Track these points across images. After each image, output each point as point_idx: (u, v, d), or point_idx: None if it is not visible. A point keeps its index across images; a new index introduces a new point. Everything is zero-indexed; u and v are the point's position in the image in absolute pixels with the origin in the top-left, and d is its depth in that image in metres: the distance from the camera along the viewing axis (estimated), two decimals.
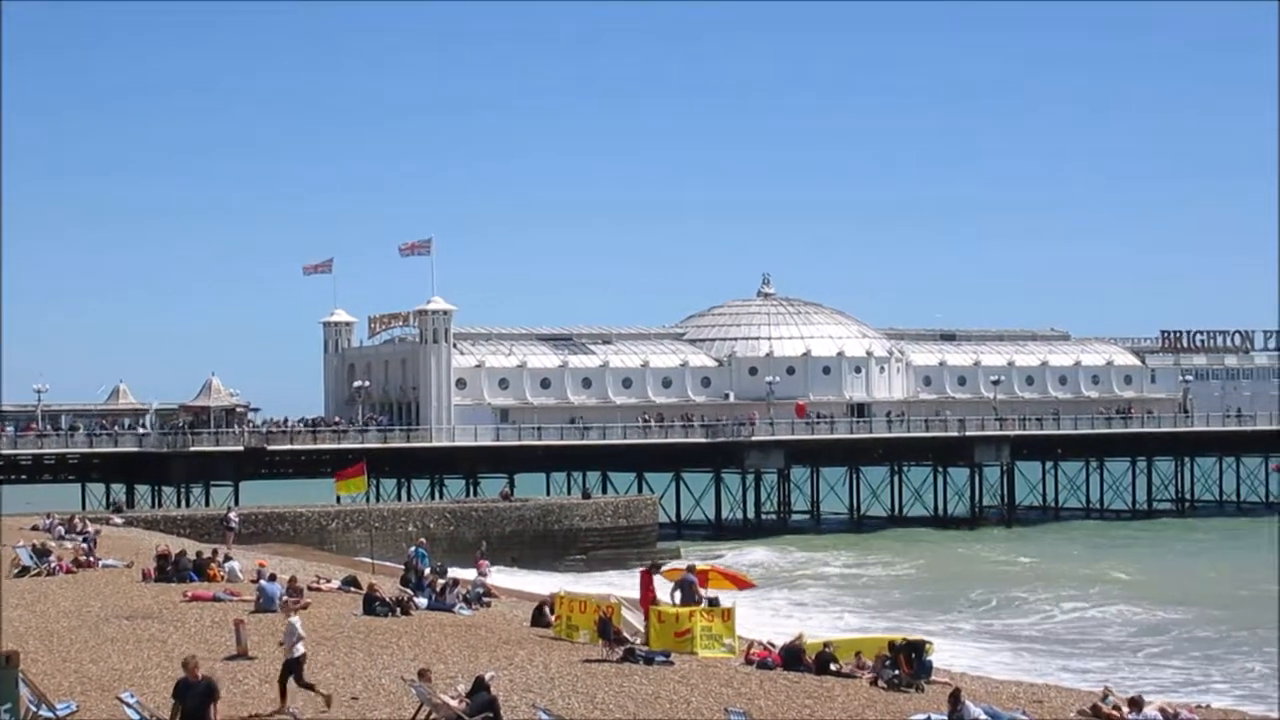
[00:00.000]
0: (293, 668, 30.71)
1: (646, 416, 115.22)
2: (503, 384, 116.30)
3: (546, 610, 46.77)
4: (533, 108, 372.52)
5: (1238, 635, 60.02)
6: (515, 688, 33.60)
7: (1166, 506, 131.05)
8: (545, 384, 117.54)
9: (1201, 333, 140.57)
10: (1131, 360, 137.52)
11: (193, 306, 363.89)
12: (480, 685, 29.67)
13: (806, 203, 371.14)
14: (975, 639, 61.39)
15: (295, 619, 31.79)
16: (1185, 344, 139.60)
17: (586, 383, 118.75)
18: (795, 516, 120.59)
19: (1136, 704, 33.24)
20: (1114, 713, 33.88)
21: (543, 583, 73.76)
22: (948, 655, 48.90)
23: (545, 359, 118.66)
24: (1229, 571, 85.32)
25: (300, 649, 31.02)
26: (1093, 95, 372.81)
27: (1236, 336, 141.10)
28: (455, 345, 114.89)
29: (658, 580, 45.31)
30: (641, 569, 46.48)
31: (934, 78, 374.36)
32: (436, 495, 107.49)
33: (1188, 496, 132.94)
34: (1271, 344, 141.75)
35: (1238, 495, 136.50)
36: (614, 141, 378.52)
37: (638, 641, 41.75)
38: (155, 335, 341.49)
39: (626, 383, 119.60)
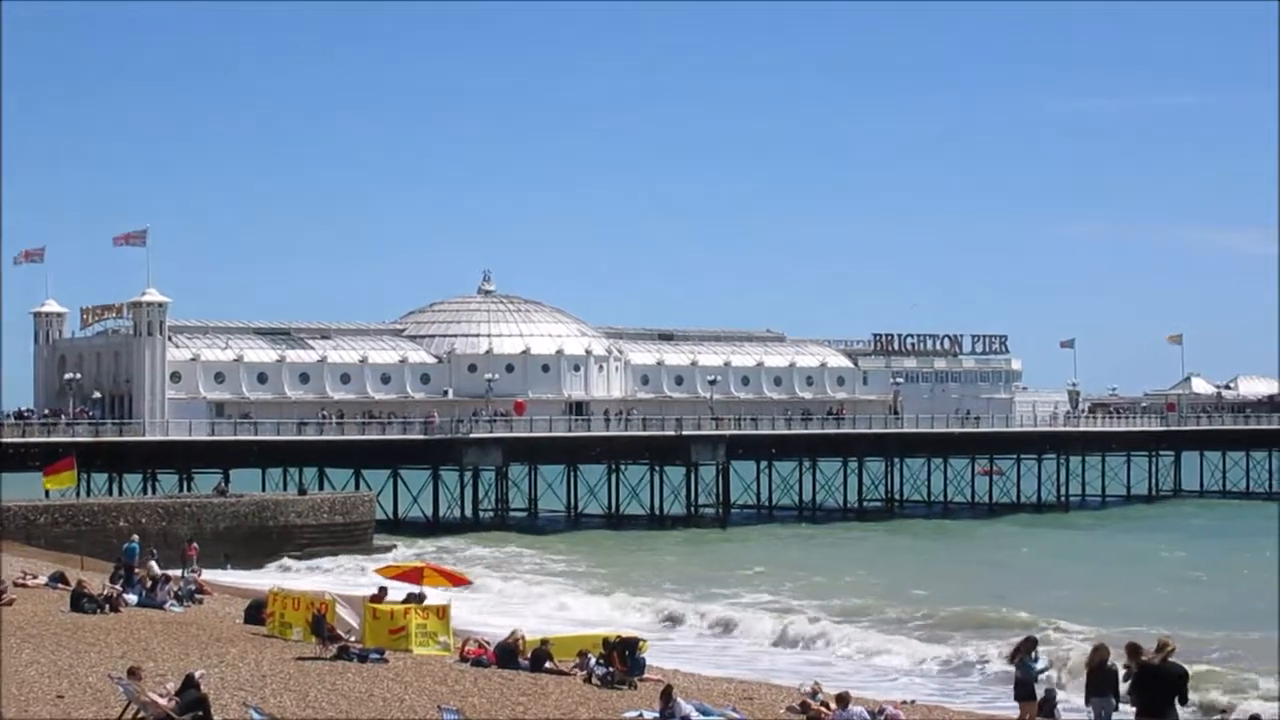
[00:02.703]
0: None
1: (324, 412, 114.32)
2: (219, 378, 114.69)
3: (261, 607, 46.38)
4: (252, 102, 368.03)
5: (937, 632, 61.18)
6: (226, 686, 33.29)
7: (877, 506, 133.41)
8: (262, 379, 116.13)
9: (912, 336, 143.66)
10: (844, 362, 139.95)
11: None
12: (190, 683, 29.34)
13: (527, 200, 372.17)
14: (688, 636, 61.97)
15: None
16: (896, 347, 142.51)
17: (304, 378, 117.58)
18: (513, 514, 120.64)
19: (843, 700, 33.95)
20: (822, 709, 34.57)
21: (257, 579, 73.06)
22: (660, 652, 49.37)
23: (262, 353, 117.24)
24: (948, 570, 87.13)
25: None
26: (807, 95, 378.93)
27: (946, 340, 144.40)
28: (170, 338, 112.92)
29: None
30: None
31: (643, 74, 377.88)
32: (149, 490, 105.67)
33: (897, 496, 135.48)
34: (979, 348, 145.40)
35: (945, 495, 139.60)
36: (334, 137, 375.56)
37: (352, 639, 41.61)
38: None
39: (345, 378, 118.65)
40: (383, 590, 45.40)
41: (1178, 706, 26.32)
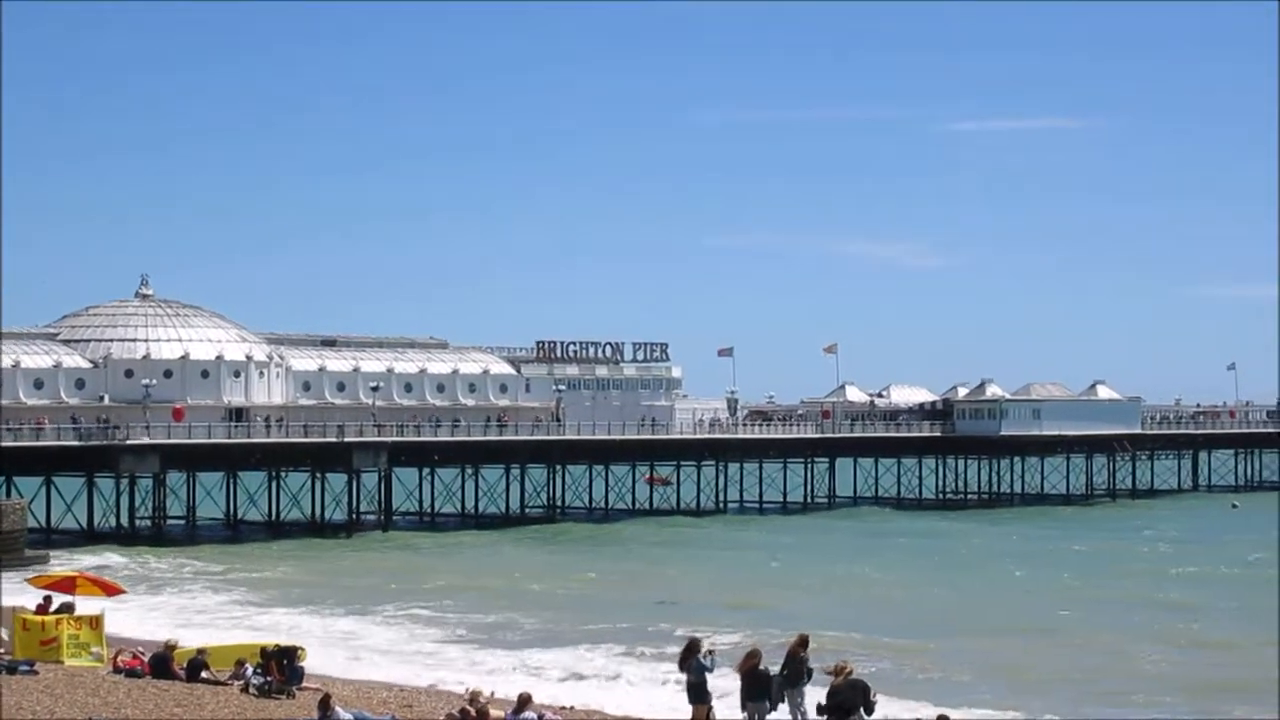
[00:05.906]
0: None
1: None
2: None
3: None
4: None
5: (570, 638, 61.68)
6: None
7: (539, 513, 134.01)
8: None
9: (574, 343, 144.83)
10: (507, 369, 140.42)
11: None
12: None
13: (186, 203, 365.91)
14: (354, 642, 61.62)
15: None
16: (559, 354, 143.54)
17: None
18: (171, 522, 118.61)
19: (520, 705, 34.16)
20: (480, 717, 34.71)
21: None
22: (323, 660, 49.06)
23: None
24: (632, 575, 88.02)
25: None
26: (466, 100, 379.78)
27: (608, 348, 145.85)
28: None
29: None
30: None
31: (304, 77, 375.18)
32: None
33: (559, 503, 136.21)
34: (640, 355, 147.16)
35: (606, 502, 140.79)
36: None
37: (0, 650, 40.68)
38: None
39: None
40: (48, 599, 44.46)
41: (863, 714, 29.95)
